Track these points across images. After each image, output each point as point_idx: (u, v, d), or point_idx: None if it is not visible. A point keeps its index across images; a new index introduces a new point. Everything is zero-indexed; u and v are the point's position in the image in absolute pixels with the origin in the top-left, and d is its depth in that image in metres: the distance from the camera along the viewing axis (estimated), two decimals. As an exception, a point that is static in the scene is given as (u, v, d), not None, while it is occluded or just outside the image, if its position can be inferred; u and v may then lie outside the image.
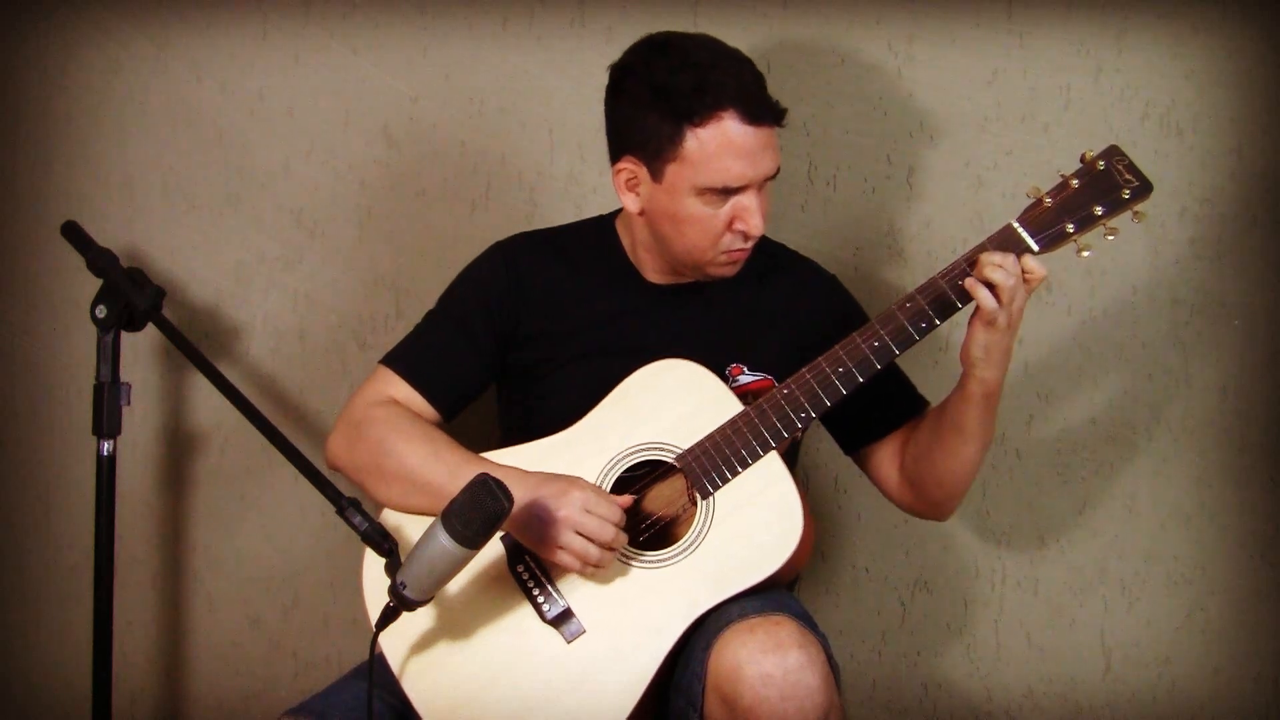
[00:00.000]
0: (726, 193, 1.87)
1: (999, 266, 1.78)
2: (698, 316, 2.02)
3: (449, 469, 1.89)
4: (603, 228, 2.09)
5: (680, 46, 1.90)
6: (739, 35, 2.24)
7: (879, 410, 2.03)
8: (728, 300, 2.03)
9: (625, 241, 2.06)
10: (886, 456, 2.06)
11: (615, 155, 1.95)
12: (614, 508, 1.82)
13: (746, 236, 1.91)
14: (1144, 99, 2.27)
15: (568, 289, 2.04)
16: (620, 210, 2.08)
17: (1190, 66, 2.26)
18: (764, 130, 1.86)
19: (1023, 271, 1.80)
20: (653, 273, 2.04)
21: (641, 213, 1.95)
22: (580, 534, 1.81)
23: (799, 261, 2.12)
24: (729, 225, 1.89)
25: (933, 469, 1.97)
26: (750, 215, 1.88)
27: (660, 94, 1.86)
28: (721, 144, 1.84)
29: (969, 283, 1.80)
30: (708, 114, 1.84)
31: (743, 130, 1.85)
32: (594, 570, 1.83)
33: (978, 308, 1.81)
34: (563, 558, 1.82)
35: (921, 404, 2.06)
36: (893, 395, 2.04)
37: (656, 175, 1.89)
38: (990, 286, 1.79)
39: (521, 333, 2.03)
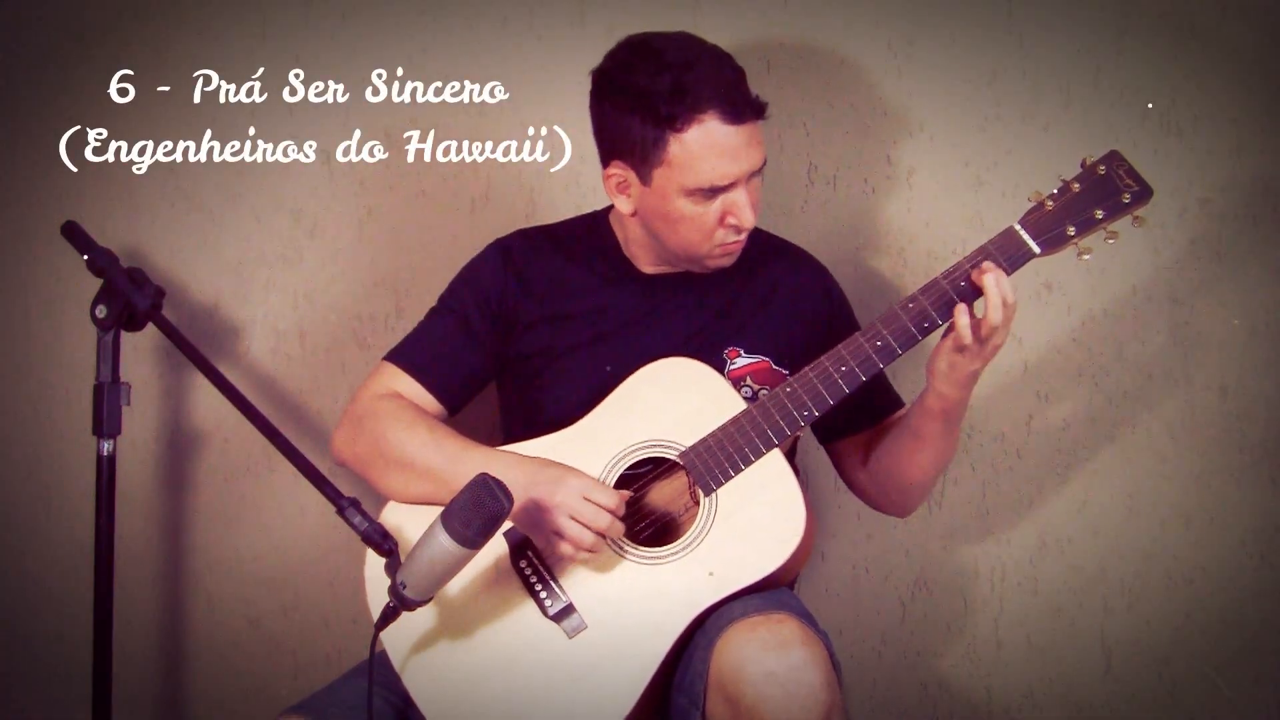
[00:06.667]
0: (714, 191, 1.89)
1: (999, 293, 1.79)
2: (693, 302, 2.04)
3: (449, 456, 1.90)
4: (597, 222, 2.12)
5: (656, 48, 1.90)
6: (739, 35, 2.26)
7: (857, 407, 2.04)
8: (721, 285, 2.05)
9: (619, 235, 2.08)
10: (857, 451, 2.10)
11: (605, 160, 1.97)
12: (612, 495, 1.84)
13: (739, 230, 1.93)
14: (1144, 99, 2.27)
15: (564, 279, 2.06)
16: (611, 207, 2.10)
17: (1190, 66, 2.26)
18: (746, 127, 1.87)
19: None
20: (647, 265, 2.06)
21: (634, 214, 1.98)
22: (576, 520, 1.82)
23: (788, 247, 2.15)
24: (721, 221, 1.91)
25: (889, 469, 2.02)
26: (741, 209, 1.90)
27: (640, 100, 1.87)
28: (705, 146, 1.85)
29: (959, 308, 1.81)
30: (688, 118, 1.85)
31: (725, 130, 1.85)
32: (588, 556, 1.84)
33: (951, 327, 1.82)
34: (559, 544, 1.83)
35: (898, 404, 2.10)
36: (873, 393, 2.06)
37: (645, 179, 1.91)
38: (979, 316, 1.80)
39: (520, 323, 2.04)
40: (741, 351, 2.02)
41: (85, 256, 2.04)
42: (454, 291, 2.08)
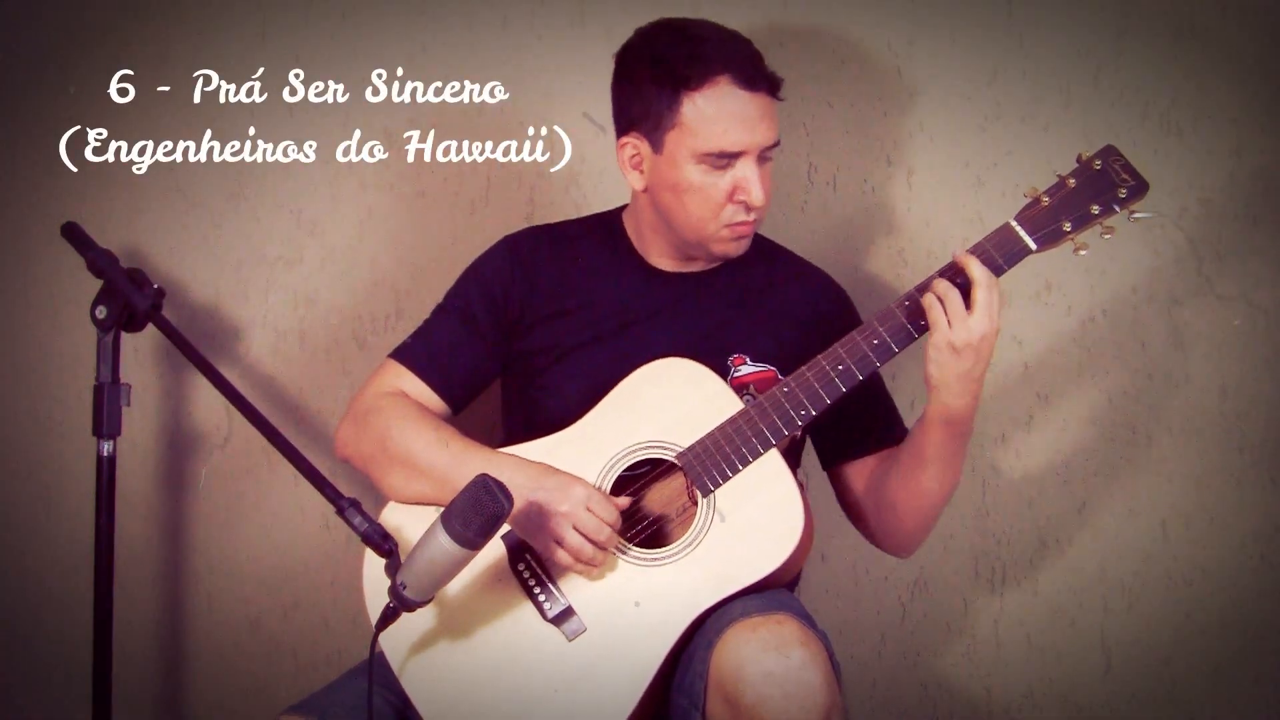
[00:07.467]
0: (724, 158, 1.89)
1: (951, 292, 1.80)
2: (704, 305, 2.03)
3: (453, 455, 1.90)
4: (609, 220, 2.12)
5: (680, 25, 1.95)
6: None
7: (861, 430, 2.04)
8: (734, 290, 2.04)
9: (631, 231, 2.08)
10: (857, 479, 2.06)
11: (619, 133, 1.98)
12: (613, 509, 1.84)
13: (749, 208, 1.92)
14: (1144, 99, 2.27)
15: (573, 276, 2.06)
16: (626, 205, 2.10)
17: (1190, 66, 2.26)
18: (760, 98, 1.89)
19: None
20: (659, 258, 2.05)
21: (646, 189, 1.98)
22: (578, 530, 1.82)
23: (809, 265, 2.14)
24: (730, 196, 1.91)
25: (889, 493, 1.98)
26: (750, 185, 1.90)
27: (658, 65, 1.90)
28: (718, 108, 1.87)
29: (926, 299, 1.81)
30: (703, 80, 1.87)
31: (739, 95, 1.88)
32: (584, 568, 1.84)
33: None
34: (557, 552, 1.84)
35: (902, 435, 2.06)
36: (878, 418, 2.06)
37: (657, 146, 1.92)
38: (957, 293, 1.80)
39: (526, 320, 2.04)
40: (748, 359, 2.01)
41: (85, 256, 2.04)
42: (460, 289, 2.08)
